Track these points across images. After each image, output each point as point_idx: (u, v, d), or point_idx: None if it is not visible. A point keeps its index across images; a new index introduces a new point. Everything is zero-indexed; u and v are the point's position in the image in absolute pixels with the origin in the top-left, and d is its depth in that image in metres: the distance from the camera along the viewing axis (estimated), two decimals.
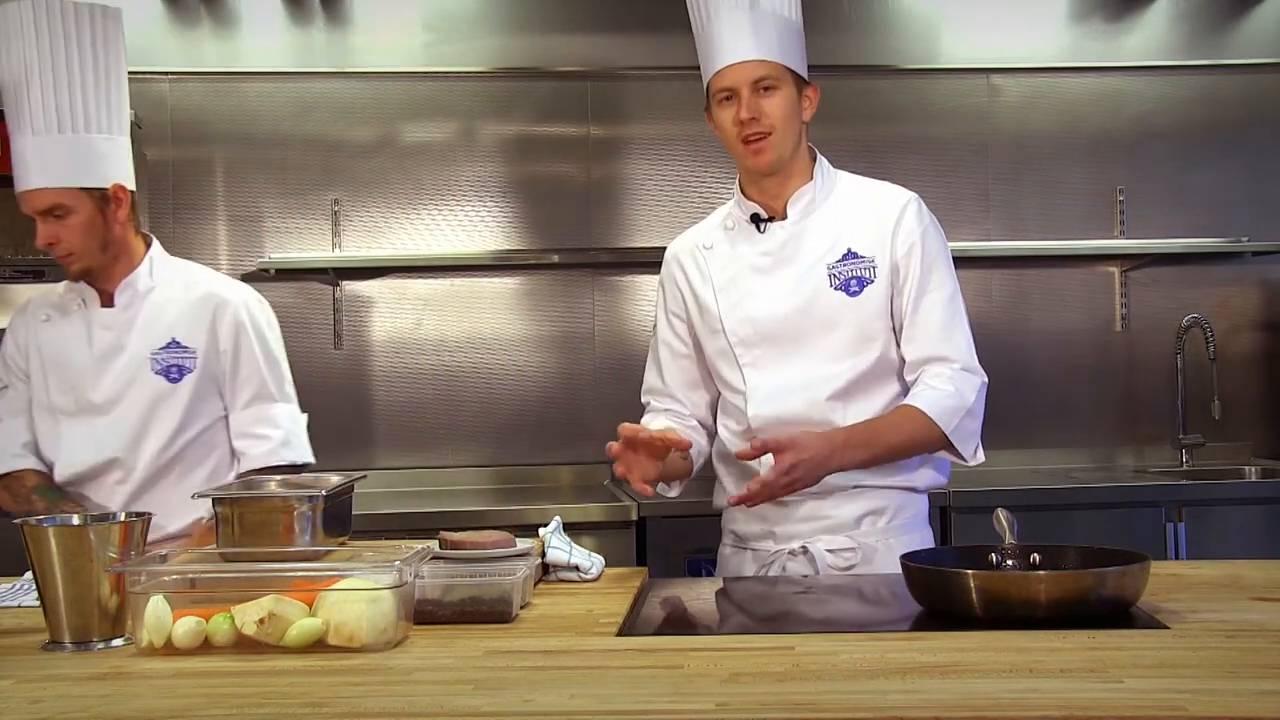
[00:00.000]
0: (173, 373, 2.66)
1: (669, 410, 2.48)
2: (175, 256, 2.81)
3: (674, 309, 2.49)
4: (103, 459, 2.63)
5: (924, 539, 2.39)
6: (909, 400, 2.30)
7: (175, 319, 2.68)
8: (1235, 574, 2.06)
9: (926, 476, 2.38)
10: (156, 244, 2.75)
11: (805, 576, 2.29)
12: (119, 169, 2.61)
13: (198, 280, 2.76)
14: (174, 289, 2.71)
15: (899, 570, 2.25)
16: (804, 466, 2.16)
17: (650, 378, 2.52)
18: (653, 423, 2.43)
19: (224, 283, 2.80)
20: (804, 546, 2.32)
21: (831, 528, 2.33)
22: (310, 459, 2.79)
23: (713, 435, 2.49)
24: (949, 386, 2.28)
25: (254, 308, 2.76)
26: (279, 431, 2.73)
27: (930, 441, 2.29)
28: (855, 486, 2.32)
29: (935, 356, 2.32)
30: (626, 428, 2.18)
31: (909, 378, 2.35)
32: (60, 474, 2.64)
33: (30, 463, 2.67)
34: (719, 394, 2.47)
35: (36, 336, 2.69)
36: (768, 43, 2.28)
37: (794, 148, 2.33)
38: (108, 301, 2.68)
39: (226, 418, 2.74)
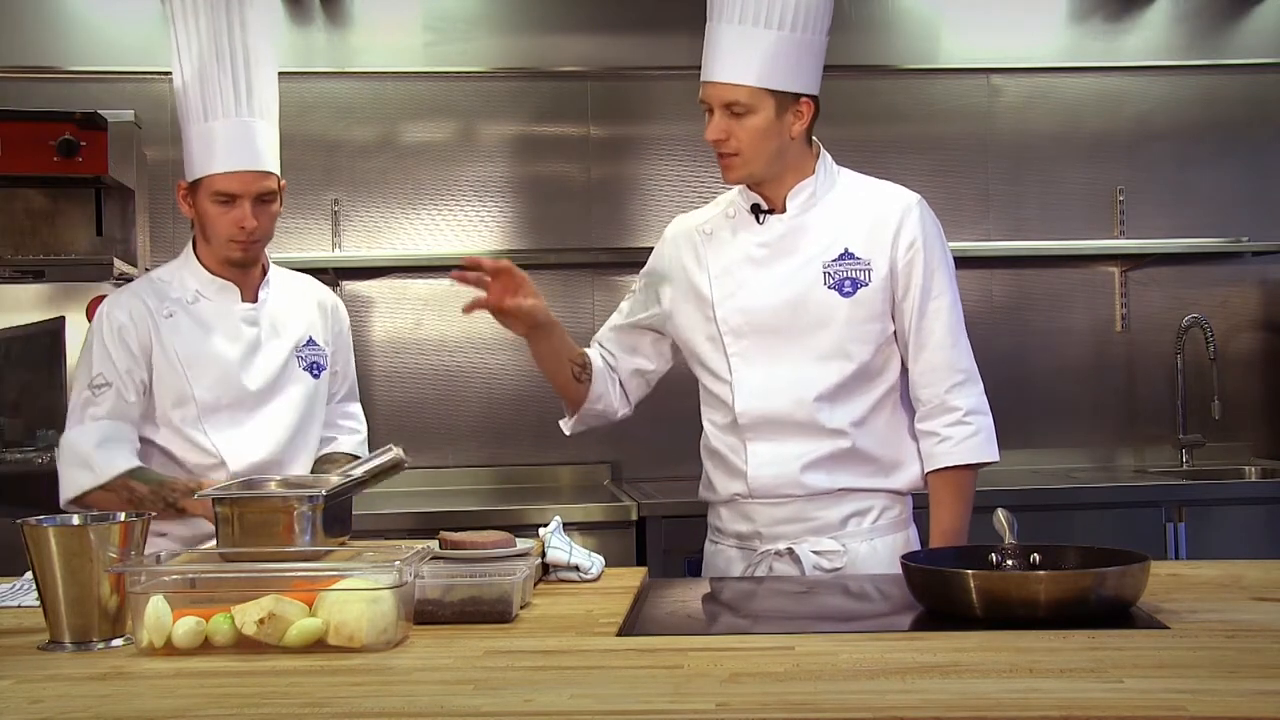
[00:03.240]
0: (314, 370, 2.71)
1: (604, 356, 2.54)
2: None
3: (652, 281, 2.51)
4: (261, 459, 2.58)
5: (908, 539, 2.41)
6: (949, 459, 2.34)
7: (308, 319, 2.73)
8: (1235, 574, 2.06)
9: (909, 478, 2.40)
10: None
11: (819, 576, 2.30)
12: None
13: (306, 282, 2.81)
14: (291, 290, 2.76)
15: (884, 571, 2.27)
16: None
17: (604, 327, 2.59)
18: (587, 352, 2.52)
19: (324, 287, 2.85)
20: (789, 548, 2.34)
21: (817, 529, 2.35)
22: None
23: (629, 404, 2.55)
24: (970, 426, 2.34)
25: (345, 311, 2.86)
26: (363, 427, 2.85)
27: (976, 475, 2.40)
28: (840, 489, 2.34)
29: (944, 382, 2.34)
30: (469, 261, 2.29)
31: (921, 394, 2.37)
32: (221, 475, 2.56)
33: (130, 465, 2.51)
34: (660, 372, 2.55)
35: (161, 335, 2.58)
36: (746, 64, 2.26)
37: (769, 163, 2.32)
38: (249, 296, 2.66)
39: None
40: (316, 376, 2.70)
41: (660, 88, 4.32)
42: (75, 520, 1.84)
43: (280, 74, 2.72)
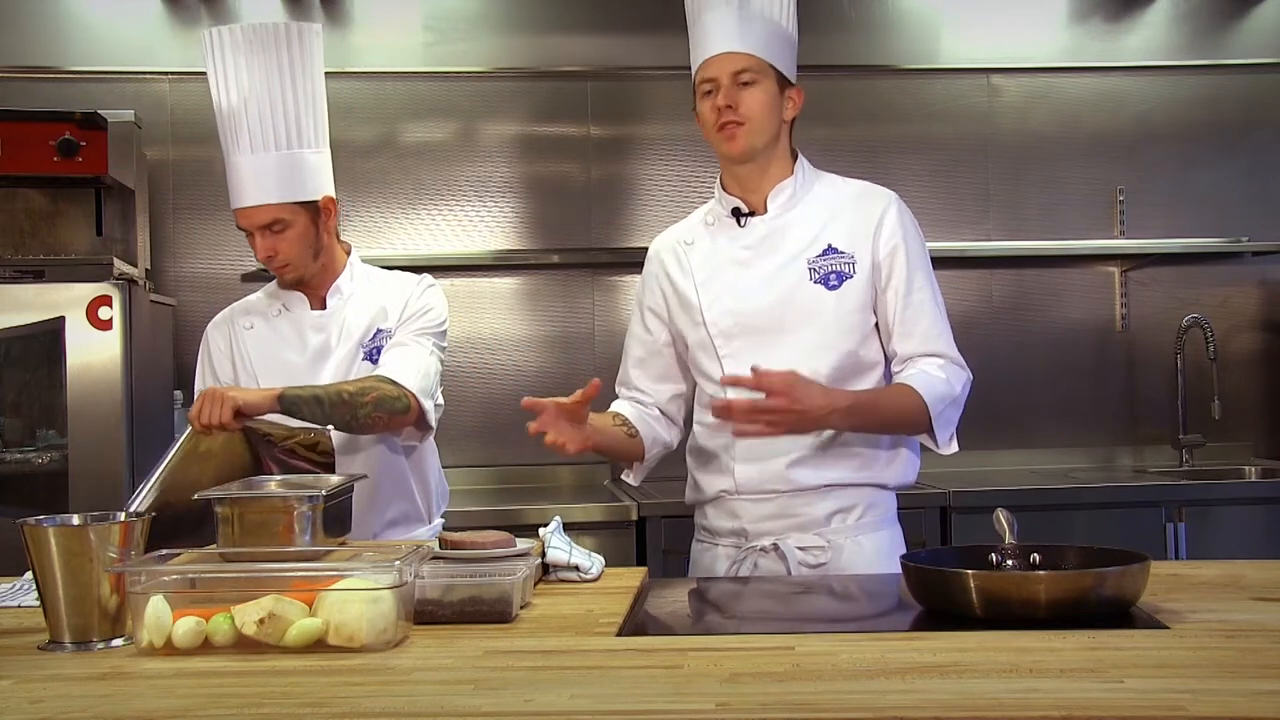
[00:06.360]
0: (376, 356, 2.73)
1: (634, 399, 2.55)
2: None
3: (651, 304, 2.53)
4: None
5: (893, 536, 2.43)
6: (904, 380, 2.33)
7: (373, 313, 2.76)
8: (1235, 574, 2.06)
9: (896, 474, 2.41)
10: (354, 250, 2.85)
11: (804, 573, 2.30)
12: (326, 181, 2.74)
13: (390, 277, 2.84)
14: (371, 287, 2.80)
15: (869, 568, 2.27)
16: (795, 418, 2.17)
17: (623, 370, 2.59)
18: (616, 407, 2.52)
19: (410, 277, 2.86)
20: (775, 544, 2.35)
21: (801, 525, 2.36)
22: (410, 389, 2.65)
23: (678, 426, 2.56)
24: (941, 374, 2.34)
25: (428, 285, 2.82)
26: (393, 361, 2.68)
27: (915, 423, 2.32)
28: (825, 485, 2.36)
29: (929, 352, 2.36)
30: (527, 401, 2.22)
31: (897, 369, 2.39)
32: None
33: None
34: (692, 388, 2.54)
35: (242, 345, 2.75)
36: (753, 38, 2.33)
37: (769, 142, 2.37)
38: (317, 305, 2.76)
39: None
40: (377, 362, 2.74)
41: (660, 88, 4.32)
42: (75, 520, 1.83)
43: None
